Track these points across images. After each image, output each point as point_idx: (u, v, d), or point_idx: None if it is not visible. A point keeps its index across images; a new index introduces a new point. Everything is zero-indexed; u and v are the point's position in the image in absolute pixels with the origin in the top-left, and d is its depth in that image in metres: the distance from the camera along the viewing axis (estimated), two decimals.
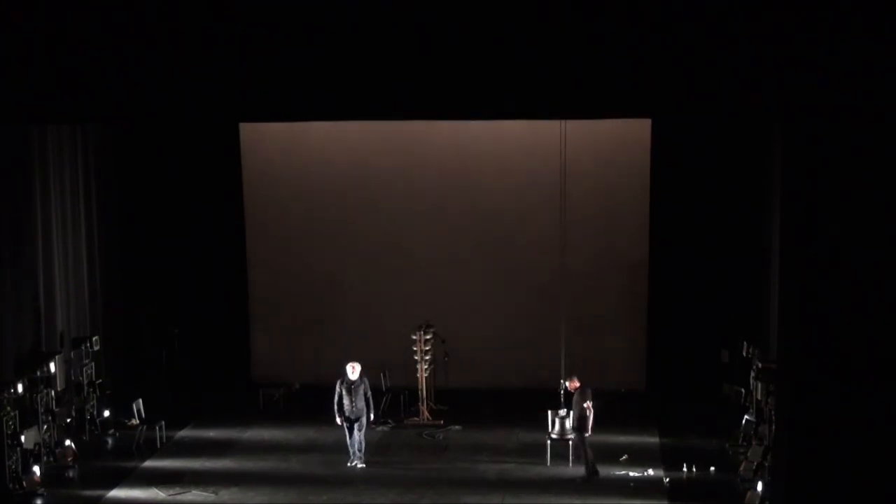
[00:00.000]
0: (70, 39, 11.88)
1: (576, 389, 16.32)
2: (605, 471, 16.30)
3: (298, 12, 11.77)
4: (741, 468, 15.95)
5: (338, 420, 16.86)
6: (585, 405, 16.11)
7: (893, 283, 11.61)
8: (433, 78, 11.94)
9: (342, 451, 17.18)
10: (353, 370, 16.78)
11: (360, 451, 16.82)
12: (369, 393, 16.96)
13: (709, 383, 19.32)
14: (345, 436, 16.93)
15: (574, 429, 16.23)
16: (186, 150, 20.73)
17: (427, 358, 18.92)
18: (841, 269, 11.66)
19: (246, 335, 21.53)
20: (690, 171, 19.79)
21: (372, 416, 17.15)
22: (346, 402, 16.73)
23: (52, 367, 17.20)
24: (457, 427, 18.43)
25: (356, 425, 16.77)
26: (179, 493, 15.63)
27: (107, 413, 18.63)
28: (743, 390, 18.36)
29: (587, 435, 16.11)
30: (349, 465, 16.79)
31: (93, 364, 18.73)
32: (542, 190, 19.22)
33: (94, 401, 18.53)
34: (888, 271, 11.61)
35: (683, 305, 19.96)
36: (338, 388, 16.83)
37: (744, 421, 17.35)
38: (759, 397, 17.12)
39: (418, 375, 18.88)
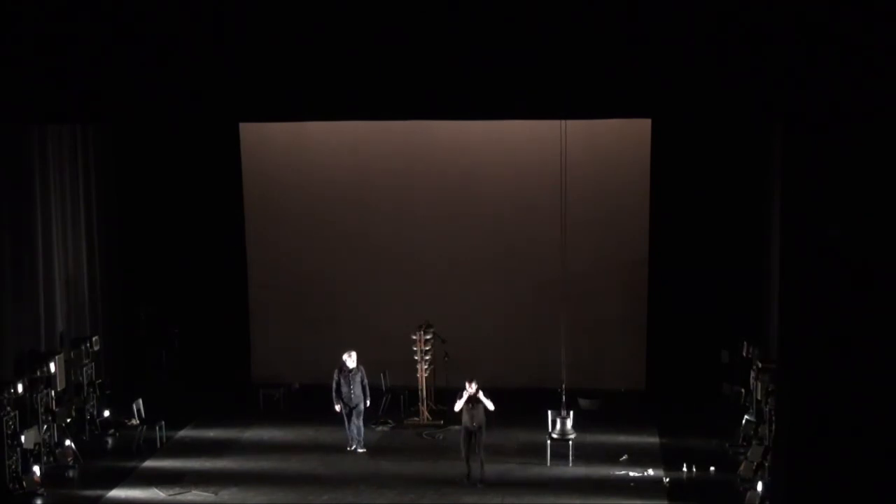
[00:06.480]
0: (69, 39, 11.88)
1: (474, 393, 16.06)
2: (605, 471, 16.33)
3: (298, 12, 11.77)
4: (741, 468, 15.96)
5: (336, 407, 17.39)
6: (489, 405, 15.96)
7: (893, 283, 11.61)
8: (433, 78, 11.94)
9: (342, 451, 17.30)
10: (350, 358, 17.37)
11: (358, 435, 17.36)
12: (366, 380, 17.54)
13: (709, 383, 19.33)
14: (343, 424, 17.45)
15: (477, 430, 15.94)
16: (186, 151, 20.75)
17: (427, 358, 18.94)
18: (841, 268, 11.66)
19: (246, 335, 21.55)
20: (690, 171, 19.79)
21: (368, 403, 17.65)
22: (343, 389, 17.27)
23: (52, 367, 17.20)
24: (457, 427, 18.36)
25: (354, 412, 17.32)
26: (179, 493, 15.64)
27: (107, 413, 18.64)
28: (743, 390, 18.36)
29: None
30: (349, 449, 17.29)
31: (93, 364, 18.74)
32: (542, 190, 19.22)
33: (94, 401, 18.54)
34: (888, 271, 11.61)
35: (683, 305, 19.95)
36: (335, 376, 17.41)
37: (744, 421, 17.35)
38: (759, 397, 17.12)
39: (418, 375, 18.90)
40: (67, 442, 17.09)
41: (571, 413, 16.78)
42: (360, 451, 17.33)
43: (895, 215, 11.57)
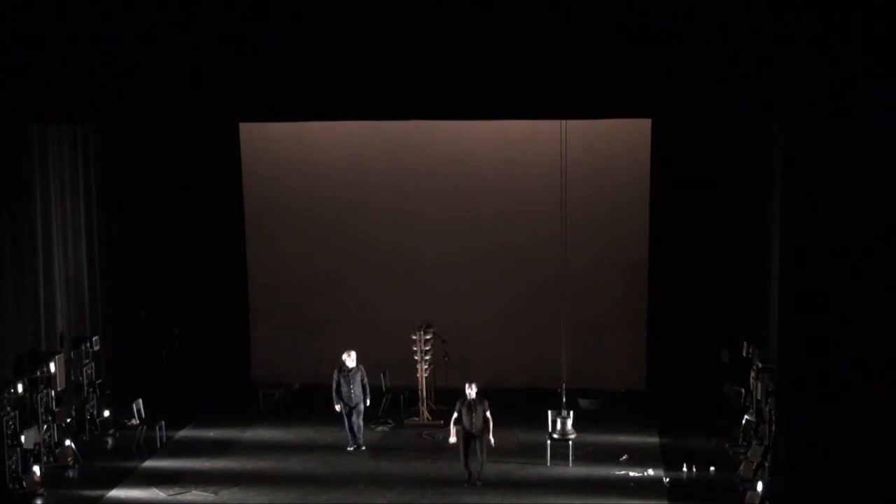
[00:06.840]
0: (70, 39, 11.88)
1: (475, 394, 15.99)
2: (605, 471, 16.34)
3: (298, 12, 11.77)
4: (741, 468, 15.96)
5: (336, 407, 17.47)
6: (488, 414, 15.92)
7: (893, 282, 11.61)
8: (433, 78, 11.94)
9: (342, 451, 17.31)
10: (350, 357, 17.44)
11: (358, 433, 17.48)
12: (366, 380, 17.60)
13: (709, 383, 19.33)
14: (343, 424, 17.53)
15: (477, 435, 15.91)
16: (186, 150, 20.75)
17: (427, 358, 18.93)
18: (841, 268, 11.67)
19: (246, 336, 21.55)
20: (690, 172, 19.77)
21: (368, 402, 17.69)
22: (343, 388, 17.34)
23: (52, 367, 17.19)
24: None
25: (354, 411, 17.43)
26: (179, 493, 15.63)
27: (107, 413, 18.62)
28: (743, 390, 18.36)
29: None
30: (349, 448, 17.37)
31: (93, 364, 18.73)
32: (542, 190, 19.22)
33: (94, 401, 18.53)
34: (888, 271, 11.61)
35: (683, 305, 19.95)
36: (335, 376, 17.49)
37: (744, 421, 17.35)
38: (759, 397, 17.11)
39: (418, 375, 18.90)
40: (67, 442, 17.09)
41: (571, 413, 16.77)
42: (360, 450, 17.35)
43: (895, 215, 11.57)
